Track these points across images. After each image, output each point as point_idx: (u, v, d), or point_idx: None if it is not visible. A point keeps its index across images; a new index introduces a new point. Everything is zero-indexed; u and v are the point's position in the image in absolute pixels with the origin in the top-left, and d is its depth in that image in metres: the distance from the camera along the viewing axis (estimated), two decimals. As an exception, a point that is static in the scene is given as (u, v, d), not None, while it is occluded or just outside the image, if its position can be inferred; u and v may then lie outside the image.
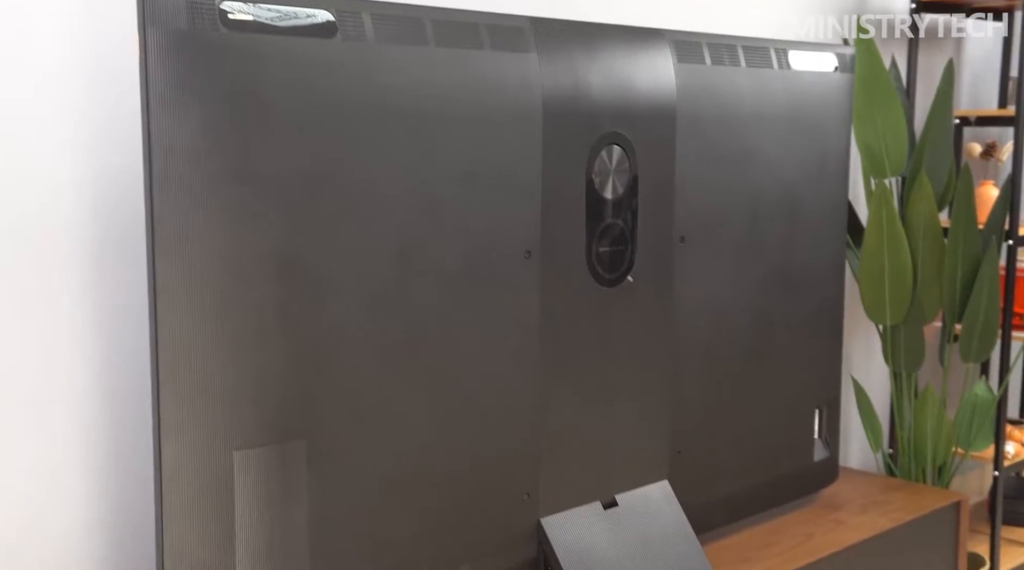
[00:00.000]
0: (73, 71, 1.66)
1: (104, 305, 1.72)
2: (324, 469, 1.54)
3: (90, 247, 1.70)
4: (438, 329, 1.66)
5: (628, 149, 1.90)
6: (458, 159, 1.65)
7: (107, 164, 1.71)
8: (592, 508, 1.92)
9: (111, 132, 1.70)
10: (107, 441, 1.74)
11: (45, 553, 1.69)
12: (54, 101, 1.65)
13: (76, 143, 1.67)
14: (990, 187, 3.07)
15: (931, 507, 2.46)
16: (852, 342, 3.07)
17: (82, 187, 1.68)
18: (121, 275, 1.73)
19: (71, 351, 1.69)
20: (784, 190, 2.23)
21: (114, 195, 1.71)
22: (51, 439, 1.68)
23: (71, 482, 1.71)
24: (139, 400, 1.75)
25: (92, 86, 1.68)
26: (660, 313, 2.01)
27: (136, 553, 1.78)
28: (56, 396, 1.69)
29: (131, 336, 1.75)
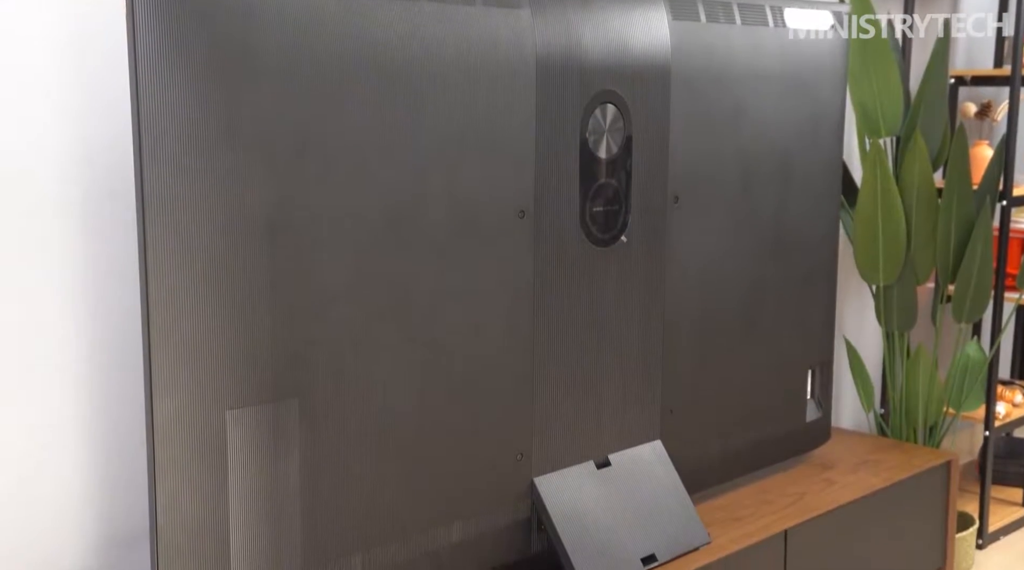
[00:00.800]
0: (61, 31, 1.64)
1: (95, 262, 1.71)
2: (316, 428, 1.54)
3: (80, 206, 1.69)
4: (430, 289, 1.65)
5: (622, 108, 1.89)
6: (450, 117, 1.63)
7: (96, 122, 1.69)
8: (585, 468, 1.93)
9: (99, 92, 1.68)
10: (100, 399, 1.74)
11: (38, 511, 1.69)
12: (42, 62, 1.62)
13: (64, 102, 1.65)
14: (985, 147, 3.06)
15: (922, 467, 2.47)
16: (845, 303, 3.07)
17: (71, 145, 1.67)
18: (112, 232, 1.72)
19: (63, 308, 1.69)
20: (779, 150, 2.22)
21: (103, 153, 1.70)
22: (44, 397, 1.68)
23: (64, 440, 1.71)
24: (132, 358, 1.74)
25: (80, 45, 1.66)
26: (654, 273, 2.00)
27: (129, 510, 1.78)
28: (48, 354, 1.68)
29: (123, 293, 1.74)
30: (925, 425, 2.82)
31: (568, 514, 1.86)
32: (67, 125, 1.66)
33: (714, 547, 2.01)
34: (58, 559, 1.71)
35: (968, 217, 2.74)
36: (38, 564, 1.69)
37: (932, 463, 2.50)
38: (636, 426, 2.02)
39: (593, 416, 1.94)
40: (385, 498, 1.63)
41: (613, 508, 1.92)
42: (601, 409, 1.95)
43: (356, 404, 1.58)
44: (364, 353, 1.58)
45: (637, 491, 1.97)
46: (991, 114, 3.12)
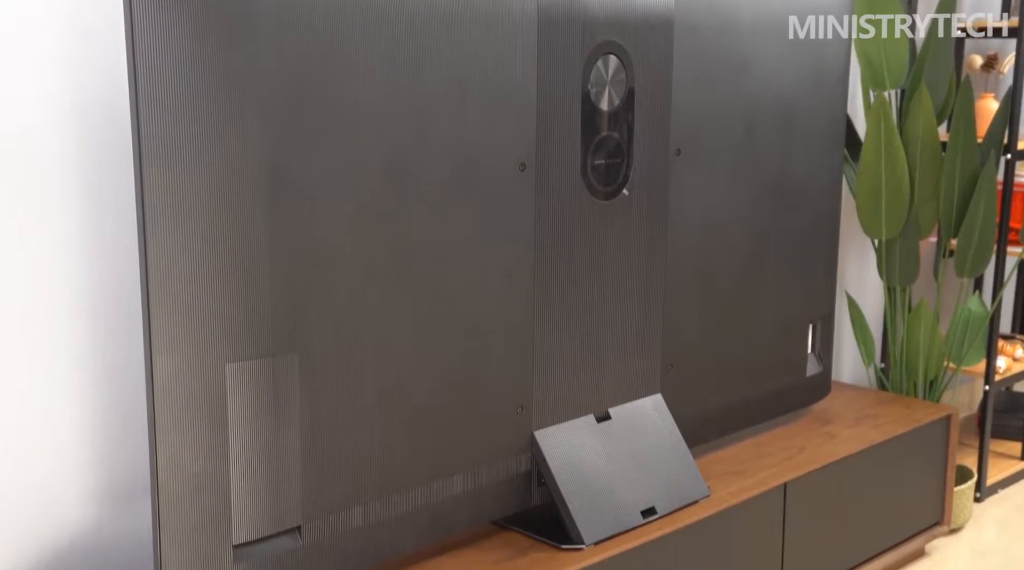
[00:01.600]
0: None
1: (94, 215, 1.70)
2: (316, 381, 1.53)
3: (77, 159, 1.67)
4: (431, 242, 1.64)
5: (625, 59, 1.86)
6: (450, 68, 1.61)
7: (92, 74, 1.66)
8: (585, 421, 1.93)
9: (95, 41, 1.66)
10: (100, 351, 1.74)
11: (38, 464, 1.69)
12: (37, 12, 1.60)
13: (60, 53, 1.63)
14: (990, 100, 3.03)
15: (921, 421, 2.48)
16: (847, 258, 3.06)
17: (67, 99, 1.64)
18: (111, 182, 1.70)
19: (63, 261, 1.68)
20: (782, 102, 2.20)
21: (100, 106, 1.68)
22: (43, 350, 1.68)
23: (64, 392, 1.71)
24: (132, 310, 1.74)
25: None
26: (655, 227, 1.99)
27: (130, 463, 1.78)
28: (47, 307, 1.67)
29: (124, 246, 1.73)
30: (925, 379, 2.83)
31: (568, 467, 1.86)
32: (63, 77, 1.64)
33: (714, 500, 2.01)
34: (59, 511, 1.72)
35: (972, 171, 2.71)
36: (39, 516, 1.70)
37: (932, 417, 2.50)
38: (637, 380, 2.02)
39: (594, 370, 1.93)
40: (385, 451, 1.63)
41: (613, 461, 1.93)
42: (602, 363, 1.94)
43: (356, 358, 1.57)
44: (364, 306, 1.57)
45: (637, 444, 1.98)
46: (997, 66, 3.09)
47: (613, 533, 1.85)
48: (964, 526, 2.79)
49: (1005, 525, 2.82)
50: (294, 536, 1.55)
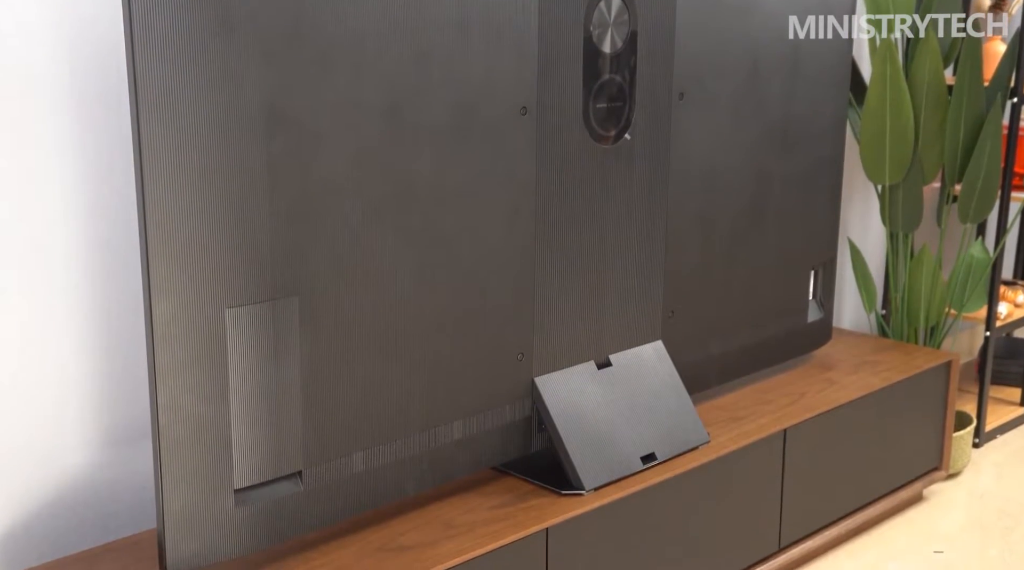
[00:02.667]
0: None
1: (91, 158, 1.68)
2: (317, 326, 1.53)
3: (73, 100, 1.65)
4: (431, 186, 1.62)
5: (627, 1, 1.83)
6: (450, 9, 1.58)
7: (86, 12, 1.63)
8: (586, 367, 1.93)
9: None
10: (99, 294, 1.73)
11: (38, 408, 1.69)
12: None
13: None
14: (998, 42, 2.99)
15: (922, 367, 2.48)
16: (849, 204, 3.04)
17: (61, 37, 1.62)
18: (106, 123, 1.68)
19: (60, 205, 1.66)
20: (787, 45, 2.16)
21: (97, 50, 1.65)
22: (42, 294, 1.67)
23: (63, 340, 1.70)
24: (131, 254, 1.72)
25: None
26: (657, 172, 1.97)
27: (131, 406, 1.78)
28: (46, 251, 1.66)
29: (119, 188, 1.71)
30: (926, 326, 2.82)
31: (568, 413, 1.86)
32: (56, 16, 1.61)
33: (714, 446, 2.02)
34: (60, 456, 1.72)
35: (978, 115, 2.68)
36: (41, 461, 1.70)
37: (932, 363, 2.50)
38: (637, 326, 2.01)
39: (594, 316, 1.93)
40: (386, 396, 1.63)
41: (613, 408, 1.93)
42: (602, 309, 1.94)
43: (356, 302, 1.56)
44: (363, 251, 1.56)
45: (637, 391, 1.98)
46: (1006, 7, 3.04)
47: (613, 479, 1.86)
48: (963, 471, 2.81)
49: (1003, 470, 2.83)
50: (295, 481, 1.55)
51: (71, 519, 1.74)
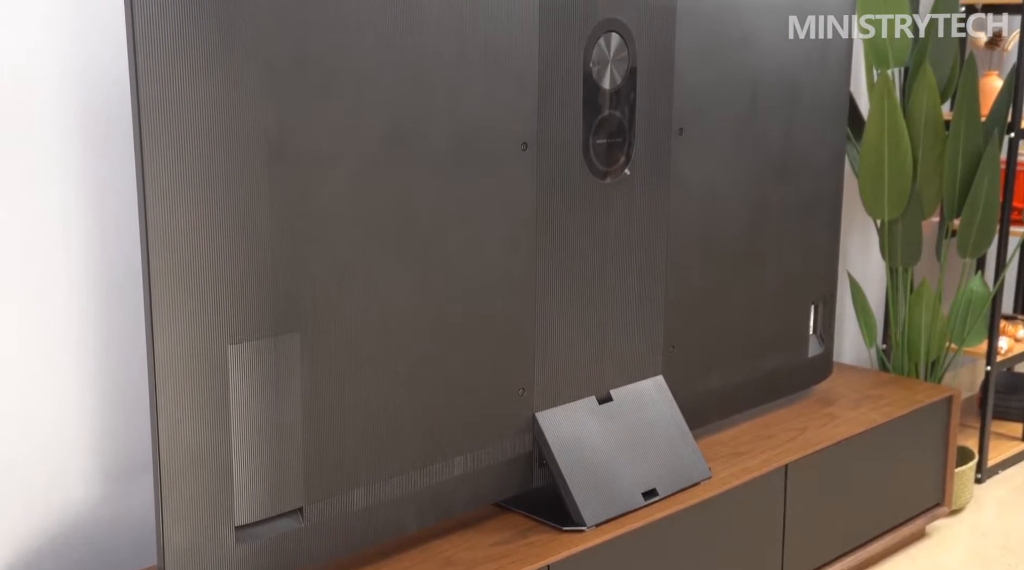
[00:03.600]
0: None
1: (92, 187, 1.68)
2: (318, 361, 1.52)
3: (78, 129, 1.65)
4: (432, 220, 1.62)
5: (627, 37, 1.84)
6: (452, 45, 1.59)
7: (92, 39, 1.64)
8: (587, 403, 1.92)
9: (95, 11, 1.64)
10: (101, 325, 1.72)
11: (41, 444, 1.69)
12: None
13: (59, 17, 1.61)
14: (994, 78, 3.01)
15: (923, 402, 2.47)
16: (849, 238, 3.04)
17: (67, 62, 1.63)
18: (109, 154, 1.68)
19: (59, 238, 1.66)
20: (785, 81, 2.18)
21: (101, 78, 1.66)
22: (43, 326, 1.67)
23: (64, 368, 1.70)
24: (131, 287, 1.72)
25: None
26: (657, 207, 1.98)
27: (132, 440, 1.78)
28: (45, 283, 1.66)
29: (121, 221, 1.71)
30: (927, 360, 2.82)
31: (569, 449, 1.85)
32: (62, 40, 1.62)
33: (715, 482, 2.01)
34: (62, 490, 1.72)
35: (975, 150, 2.70)
36: (42, 495, 1.69)
37: (933, 398, 2.50)
38: (638, 361, 2.01)
39: (595, 351, 1.92)
40: (386, 432, 1.63)
41: (614, 443, 1.92)
42: (603, 344, 1.93)
43: (357, 338, 1.56)
44: (364, 286, 1.56)
45: (639, 426, 1.97)
46: (1002, 44, 3.06)
47: (614, 515, 1.85)
48: (965, 507, 2.79)
49: (1006, 506, 2.82)
50: (296, 517, 1.54)
51: (72, 555, 1.73)
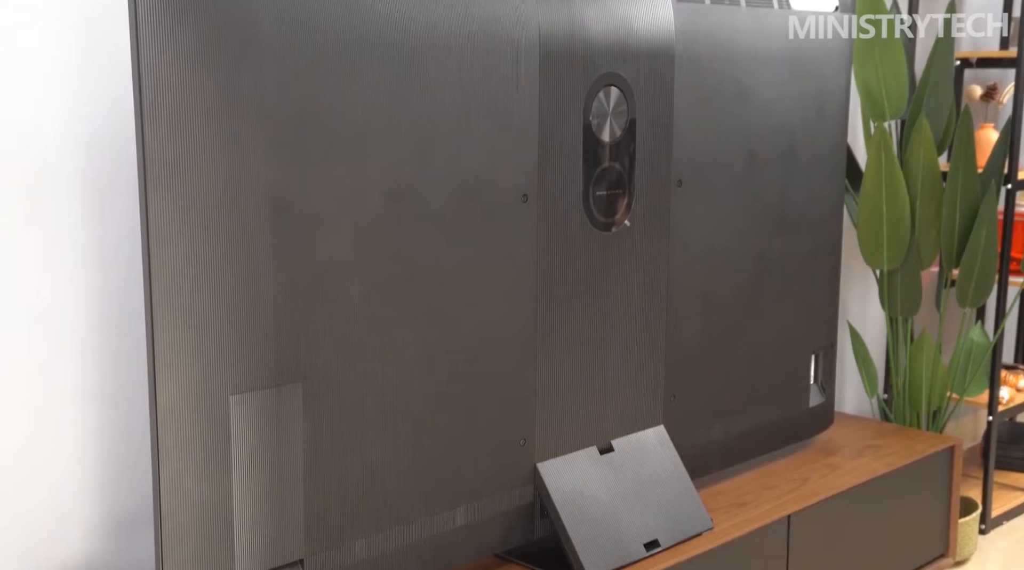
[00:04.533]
0: (62, 5, 1.62)
1: (98, 241, 1.70)
2: (320, 412, 1.53)
3: (83, 183, 1.67)
4: (434, 272, 1.64)
5: (626, 90, 1.87)
6: (453, 100, 1.62)
7: (98, 100, 1.67)
8: (588, 453, 1.92)
9: (101, 67, 1.66)
10: (102, 376, 1.73)
11: (40, 493, 1.68)
12: (44, 38, 1.61)
13: (66, 78, 1.64)
14: (990, 130, 3.04)
15: (925, 452, 2.47)
16: (849, 288, 3.05)
17: (72, 122, 1.65)
18: (115, 210, 1.70)
19: (65, 288, 1.67)
20: (783, 133, 2.20)
21: (107, 132, 1.68)
22: (46, 377, 1.67)
23: (66, 419, 1.70)
24: (135, 338, 1.73)
25: (82, 19, 1.64)
26: (657, 258, 1.99)
27: (133, 492, 1.77)
28: (50, 334, 1.67)
29: (126, 273, 1.72)
30: (929, 410, 2.81)
31: (571, 500, 1.85)
32: (69, 101, 1.65)
33: (717, 532, 2.00)
34: (62, 541, 1.71)
35: (973, 200, 2.72)
36: (42, 545, 1.69)
37: (935, 448, 2.49)
38: (639, 411, 2.01)
39: (596, 401, 1.93)
40: (388, 483, 1.62)
41: (616, 494, 1.91)
42: (604, 394, 1.94)
43: (358, 388, 1.57)
44: (366, 337, 1.57)
45: (640, 477, 1.97)
46: (997, 97, 3.10)
47: (616, 566, 1.84)
48: (969, 559, 2.77)
49: (1010, 558, 2.80)
50: (297, 569, 1.54)
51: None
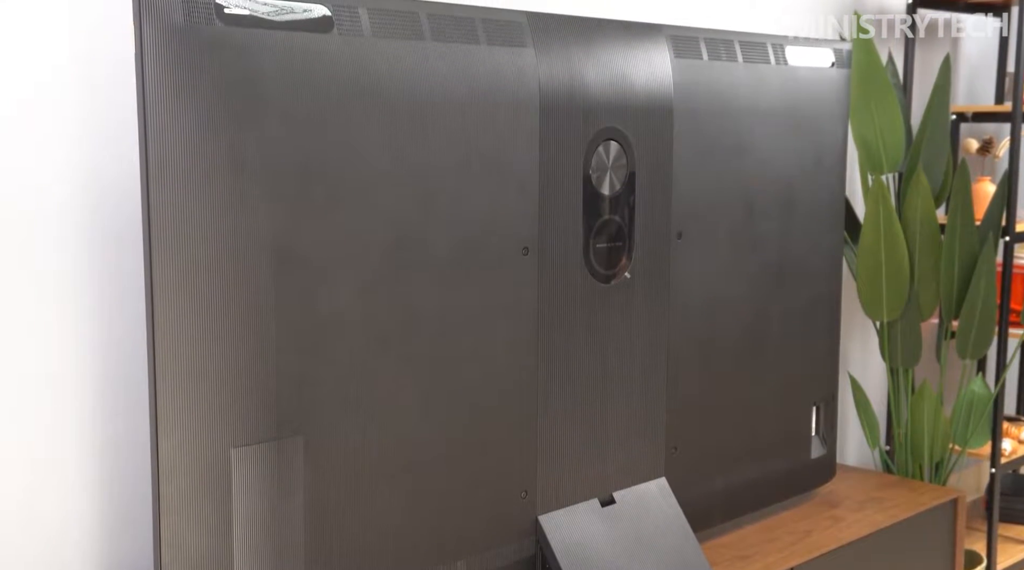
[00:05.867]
0: (69, 64, 1.65)
1: (102, 295, 1.71)
2: (321, 464, 1.53)
3: (88, 238, 1.69)
4: (435, 325, 1.65)
5: (625, 145, 1.90)
6: (455, 154, 1.64)
7: (104, 156, 1.70)
8: (590, 505, 1.92)
9: (108, 125, 1.69)
10: (104, 431, 1.73)
11: (40, 543, 1.68)
12: (50, 95, 1.64)
13: (73, 135, 1.66)
14: (987, 183, 3.07)
15: (928, 504, 2.46)
16: (849, 339, 3.06)
17: (78, 179, 1.67)
18: (119, 264, 1.72)
19: (68, 341, 1.69)
20: (781, 186, 2.23)
21: (111, 187, 1.70)
22: (48, 429, 1.68)
23: (67, 471, 1.70)
24: (137, 391, 1.74)
25: (88, 79, 1.67)
26: (657, 310, 2.00)
27: (132, 544, 1.77)
28: (53, 386, 1.68)
29: (129, 327, 1.74)
30: (931, 462, 2.81)
31: (573, 553, 1.84)
32: (74, 156, 1.67)
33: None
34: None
35: (971, 253, 2.74)
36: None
37: (938, 501, 2.48)
38: (641, 462, 2.01)
39: (598, 453, 1.93)
40: (389, 535, 1.62)
41: (618, 546, 1.91)
42: (606, 446, 1.94)
43: (359, 441, 1.57)
44: (368, 389, 1.57)
45: (642, 529, 1.96)
46: (993, 150, 3.13)
47: (618, 620, 1.82)
48: (975, 612, 2.75)
49: (1016, 611, 2.77)
50: (295, 623, 1.53)
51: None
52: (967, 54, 3.45)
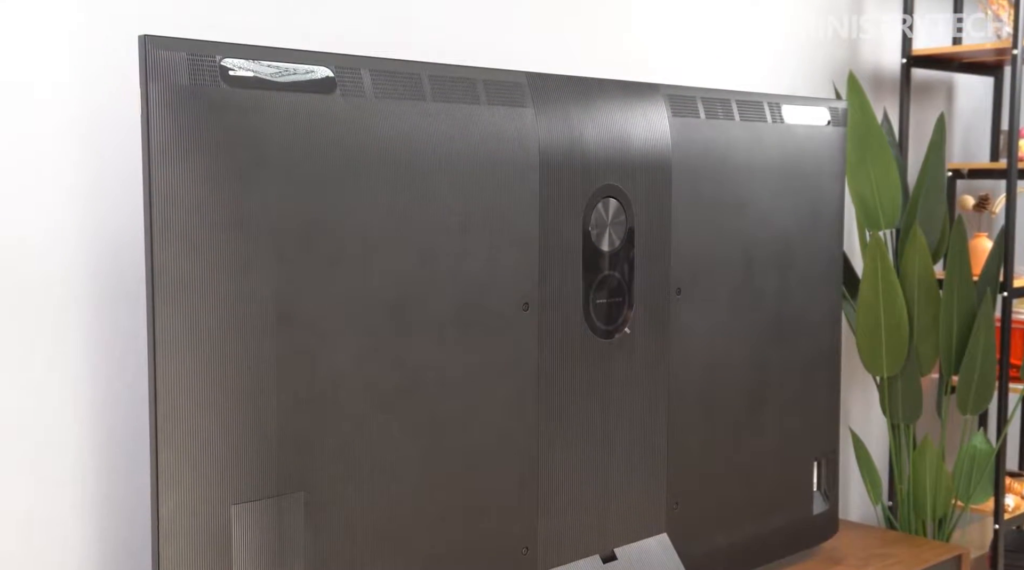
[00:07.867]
0: (73, 124, 1.68)
1: (103, 353, 1.72)
2: (321, 521, 1.53)
3: (90, 297, 1.71)
4: (436, 381, 1.66)
5: (624, 202, 1.92)
6: (456, 213, 1.66)
7: (107, 215, 1.71)
8: (591, 562, 1.91)
9: (112, 185, 1.71)
10: (104, 490, 1.73)
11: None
12: (54, 154, 1.66)
13: (76, 194, 1.68)
14: (984, 239, 3.09)
15: (932, 561, 2.44)
16: (850, 394, 3.06)
17: (81, 238, 1.69)
18: (120, 323, 1.73)
19: (69, 399, 1.69)
20: (779, 242, 2.25)
21: (114, 246, 1.72)
22: (48, 487, 1.67)
23: (67, 531, 1.70)
24: (137, 449, 1.74)
25: (92, 138, 1.70)
26: (657, 365, 2.01)
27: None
28: (53, 443, 1.68)
29: (130, 385, 1.74)
30: (934, 518, 2.79)
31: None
32: (78, 215, 1.69)
33: (722, 644, 1.97)
34: (56, 657, 1.69)
35: (969, 308, 2.75)
36: (36, 662, 1.67)
37: (942, 557, 2.47)
38: (642, 518, 2.00)
39: (599, 509, 1.92)
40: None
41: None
42: (607, 502, 1.93)
43: (360, 497, 1.57)
44: (368, 447, 1.58)
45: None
46: (989, 206, 3.16)
47: None
48: (981, 671, 2.71)
49: (1024, 670, 2.74)
50: None
51: None
52: (962, 111, 3.50)
